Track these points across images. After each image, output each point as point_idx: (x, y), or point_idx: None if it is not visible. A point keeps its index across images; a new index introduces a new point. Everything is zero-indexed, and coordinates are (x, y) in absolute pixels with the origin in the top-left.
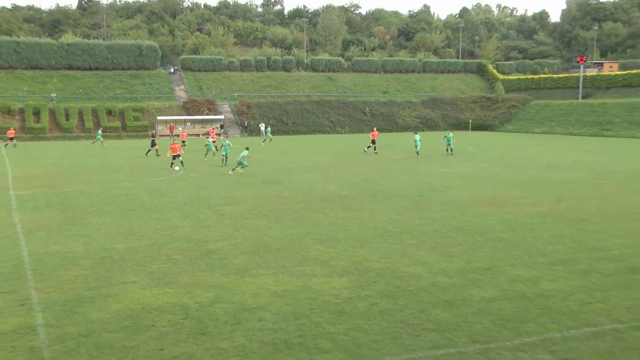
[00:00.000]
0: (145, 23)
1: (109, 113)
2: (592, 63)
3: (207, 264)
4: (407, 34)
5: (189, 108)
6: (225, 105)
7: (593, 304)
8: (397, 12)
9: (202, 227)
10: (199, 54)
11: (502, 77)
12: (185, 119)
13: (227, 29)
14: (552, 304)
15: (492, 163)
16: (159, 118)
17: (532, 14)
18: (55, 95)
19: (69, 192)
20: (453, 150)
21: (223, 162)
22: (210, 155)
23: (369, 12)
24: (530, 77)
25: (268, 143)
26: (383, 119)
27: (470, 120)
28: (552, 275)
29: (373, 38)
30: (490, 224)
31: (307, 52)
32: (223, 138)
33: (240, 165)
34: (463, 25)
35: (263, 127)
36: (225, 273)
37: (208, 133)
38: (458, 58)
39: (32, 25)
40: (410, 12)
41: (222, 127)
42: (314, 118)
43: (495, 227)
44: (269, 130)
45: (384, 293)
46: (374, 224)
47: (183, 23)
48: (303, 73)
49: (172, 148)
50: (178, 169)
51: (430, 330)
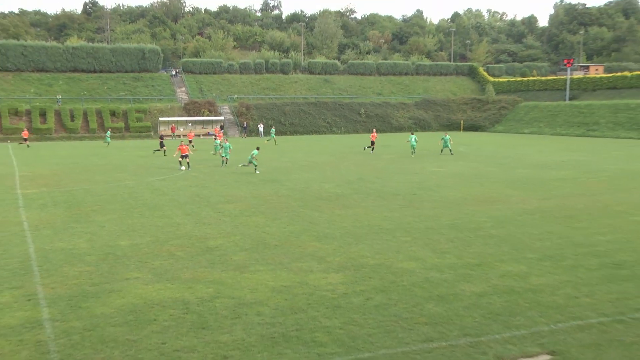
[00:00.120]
0: (148, 27)
1: (113, 114)
2: (578, 66)
3: (207, 260)
4: (400, 38)
5: (190, 109)
6: (225, 107)
7: (579, 298)
8: (391, 16)
9: (202, 224)
10: (200, 57)
11: (492, 79)
12: (187, 120)
13: (226, 33)
14: (540, 298)
15: (482, 162)
16: (161, 119)
17: (521, 19)
18: (61, 97)
19: (74, 190)
20: (452, 151)
21: (223, 163)
22: (219, 154)
23: (364, 16)
24: (520, 79)
25: (273, 144)
26: (378, 120)
27: (462, 121)
28: (540, 271)
29: (368, 42)
30: (481, 221)
31: (304, 55)
32: (224, 140)
33: (251, 164)
34: (455, 30)
35: (262, 127)
36: (225, 269)
37: (215, 134)
38: (450, 61)
39: (38, 30)
40: (404, 16)
41: (222, 127)
42: (311, 119)
43: (486, 224)
44: (273, 131)
45: (379, 288)
46: (369, 222)
47: (184, 27)
48: (300, 75)
49: (180, 149)
50: (185, 169)
51: (423, 324)
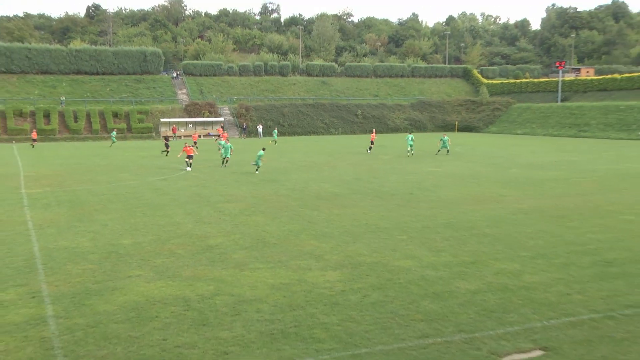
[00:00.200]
0: (150, 30)
1: (115, 115)
2: (570, 68)
3: (208, 259)
4: (396, 41)
5: (191, 111)
6: (225, 108)
7: (571, 295)
8: (387, 20)
9: (203, 223)
10: (200, 60)
11: (486, 81)
12: (187, 121)
13: (226, 36)
14: (533, 296)
15: (477, 163)
16: (163, 120)
17: (514, 22)
18: (65, 99)
19: (77, 190)
20: (449, 152)
21: (223, 163)
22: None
23: (361, 20)
24: (513, 81)
25: (273, 145)
26: (374, 121)
27: (457, 122)
28: (533, 268)
29: (365, 44)
30: (476, 220)
31: (302, 57)
32: (225, 141)
33: (256, 165)
34: (449, 33)
35: (261, 128)
36: (225, 267)
37: (219, 135)
38: (445, 63)
39: (42, 33)
40: (400, 20)
41: (222, 128)
42: (309, 120)
43: (481, 223)
44: (276, 132)
45: (376, 285)
46: (366, 221)
47: (185, 30)
48: (299, 77)
49: (185, 150)
50: (189, 170)
51: (419, 321)
